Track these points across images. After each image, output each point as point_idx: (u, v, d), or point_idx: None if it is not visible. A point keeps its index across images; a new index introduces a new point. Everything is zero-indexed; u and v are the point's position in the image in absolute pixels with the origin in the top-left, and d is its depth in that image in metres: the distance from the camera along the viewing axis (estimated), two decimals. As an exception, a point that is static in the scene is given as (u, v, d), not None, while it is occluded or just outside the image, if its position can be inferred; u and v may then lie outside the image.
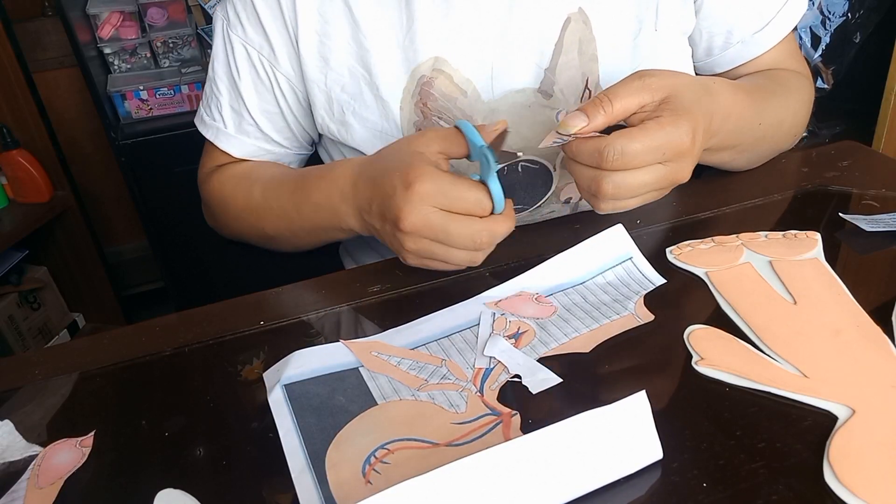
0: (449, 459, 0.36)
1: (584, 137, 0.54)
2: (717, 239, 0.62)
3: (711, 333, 0.51)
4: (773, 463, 0.41)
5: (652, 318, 0.53)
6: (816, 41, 1.68)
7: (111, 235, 2.09)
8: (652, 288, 0.57)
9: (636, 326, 0.53)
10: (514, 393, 0.48)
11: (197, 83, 1.67)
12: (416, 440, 0.45)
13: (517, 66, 0.69)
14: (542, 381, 0.49)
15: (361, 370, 0.52)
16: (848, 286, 0.54)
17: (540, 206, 0.72)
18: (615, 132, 0.54)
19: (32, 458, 0.48)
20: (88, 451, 0.48)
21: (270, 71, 0.74)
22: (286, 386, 0.50)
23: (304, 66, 0.72)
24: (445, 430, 0.46)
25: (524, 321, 0.55)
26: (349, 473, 0.43)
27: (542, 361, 0.50)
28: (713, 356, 0.49)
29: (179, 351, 0.57)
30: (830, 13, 1.66)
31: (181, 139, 1.62)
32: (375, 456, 0.44)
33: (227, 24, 0.74)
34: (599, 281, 0.59)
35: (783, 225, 0.63)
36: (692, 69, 0.78)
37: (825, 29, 1.67)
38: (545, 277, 0.59)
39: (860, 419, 0.43)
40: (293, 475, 0.43)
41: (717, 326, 0.52)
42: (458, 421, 0.46)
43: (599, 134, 0.54)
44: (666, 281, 0.57)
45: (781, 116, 0.71)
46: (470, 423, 0.46)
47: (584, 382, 0.49)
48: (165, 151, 1.63)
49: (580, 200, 0.73)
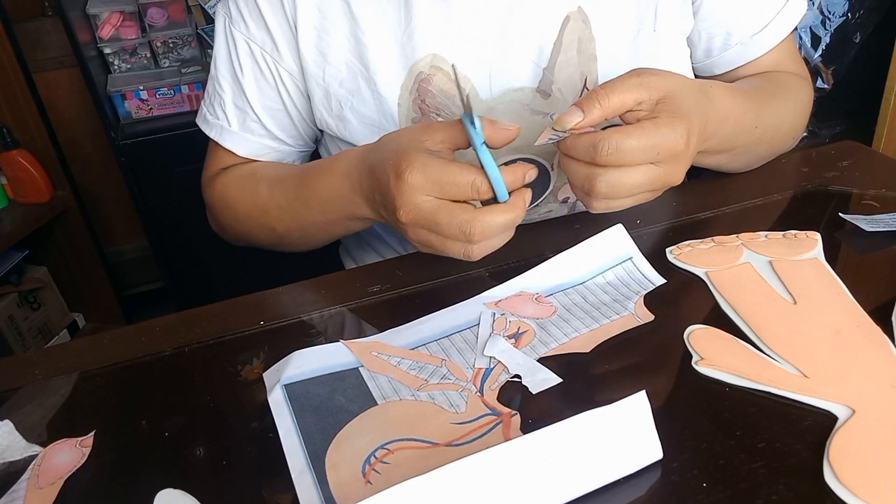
0: (449, 459, 0.36)
1: (579, 133, 0.54)
2: (717, 239, 0.62)
3: (711, 333, 0.51)
4: (773, 463, 0.41)
5: (652, 318, 0.53)
6: (816, 41, 1.68)
7: (111, 235, 2.09)
8: (652, 288, 0.57)
9: (636, 326, 0.53)
10: (514, 393, 0.48)
11: (197, 83, 1.67)
12: (416, 440, 0.45)
13: (516, 64, 0.69)
14: (542, 381, 0.49)
15: (361, 370, 0.52)
16: (848, 286, 0.54)
17: (537, 205, 0.72)
18: (611, 128, 0.54)
19: (32, 458, 0.48)
20: (88, 451, 0.48)
21: (274, 67, 0.73)
22: (286, 386, 0.50)
23: (303, 61, 0.72)
24: (445, 430, 0.46)
25: (524, 321, 0.55)
26: (349, 473, 0.43)
27: (542, 361, 0.50)
28: (713, 356, 0.49)
29: (179, 351, 0.57)
30: (830, 13, 1.66)
31: (181, 139, 1.62)
32: (375, 456, 0.44)
33: (228, 20, 0.74)
34: (599, 281, 0.59)
35: (783, 225, 0.63)
36: (691, 70, 0.78)
37: (825, 29, 1.67)
38: (545, 277, 0.59)
39: (860, 419, 0.43)
40: (293, 475, 0.43)
41: (717, 326, 0.52)
42: (458, 421, 0.46)
43: (595, 129, 0.54)
44: (666, 281, 0.57)
45: (780, 119, 0.70)
46: (470, 423, 0.46)
47: (584, 382, 0.49)
48: (165, 151, 1.63)
49: (578, 200, 0.73)
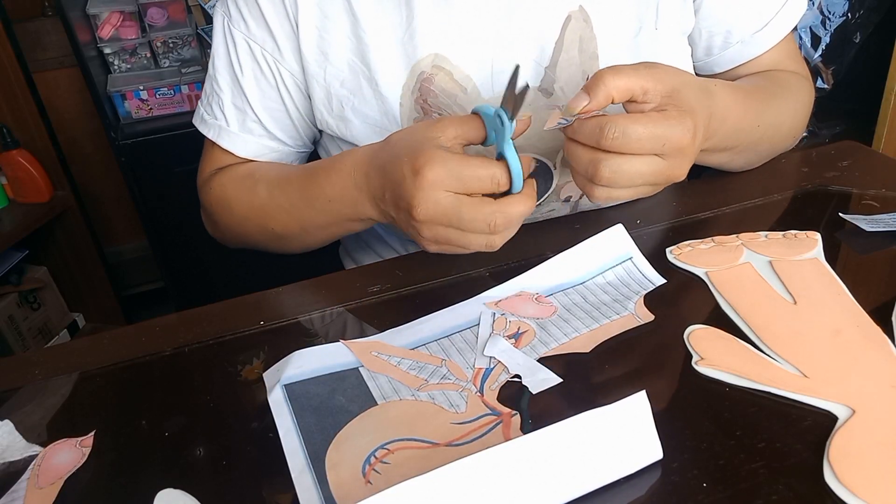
0: (449, 459, 0.36)
1: (586, 117, 0.54)
2: (717, 239, 0.61)
3: (711, 333, 0.51)
4: (773, 463, 0.41)
5: (652, 318, 0.53)
6: (816, 41, 1.68)
7: (111, 235, 2.09)
8: (652, 288, 0.57)
9: (636, 326, 0.53)
10: (514, 393, 0.48)
11: (197, 83, 1.67)
12: (416, 440, 0.45)
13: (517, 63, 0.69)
14: (542, 381, 0.49)
15: (361, 370, 0.52)
16: (848, 286, 0.54)
17: (540, 203, 0.72)
18: (618, 114, 0.53)
19: (32, 458, 0.48)
20: (88, 451, 0.48)
21: (274, 67, 0.73)
22: (286, 386, 0.50)
23: (304, 60, 0.71)
24: (445, 430, 0.46)
25: (524, 321, 0.55)
26: (349, 473, 0.43)
27: (542, 361, 0.50)
28: (713, 356, 0.49)
29: (179, 351, 0.57)
30: (830, 13, 1.66)
31: (181, 139, 1.62)
32: (375, 456, 0.44)
33: (228, 19, 0.73)
34: (599, 281, 0.59)
35: (783, 225, 0.63)
36: (692, 69, 0.78)
37: (825, 29, 1.67)
38: (545, 277, 0.59)
39: (860, 419, 0.43)
40: (293, 475, 0.43)
41: (717, 326, 0.52)
42: (458, 421, 0.46)
43: (603, 113, 0.54)
44: (666, 281, 0.57)
45: (780, 118, 0.70)
46: (470, 423, 0.46)
47: (584, 382, 0.49)
48: (165, 151, 1.63)
49: (580, 199, 0.73)
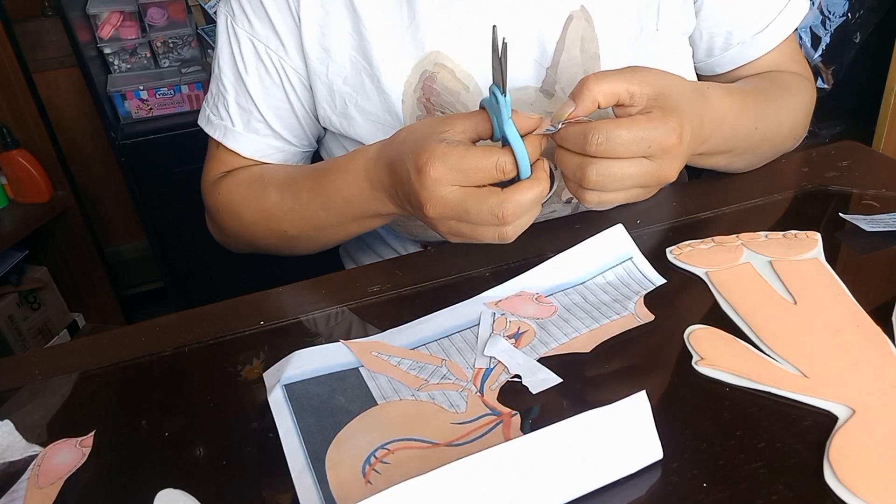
0: (449, 459, 0.36)
1: (571, 123, 0.54)
2: (717, 239, 0.61)
3: (711, 333, 0.51)
4: (773, 463, 0.41)
5: (652, 318, 0.53)
6: (816, 41, 1.68)
7: (111, 235, 2.09)
8: (652, 288, 0.57)
9: (636, 326, 0.53)
10: (514, 393, 0.48)
11: (197, 83, 1.67)
12: (416, 440, 0.45)
13: (519, 63, 0.69)
14: (542, 381, 0.49)
15: (361, 370, 0.52)
16: (848, 286, 0.54)
17: (542, 205, 0.72)
18: (603, 119, 0.54)
19: (32, 458, 0.48)
20: (88, 451, 0.48)
21: (279, 65, 0.72)
22: (286, 386, 0.50)
23: (306, 57, 0.71)
24: (445, 430, 0.46)
25: (524, 321, 0.55)
26: (349, 473, 0.43)
27: (542, 361, 0.50)
28: (713, 356, 0.49)
29: (179, 351, 0.57)
30: (830, 13, 1.66)
31: (181, 139, 1.62)
32: (375, 456, 0.44)
33: (231, 18, 0.73)
34: (599, 281, 0.59)
35: (783, 225, 0.63)
36: (693, 69, 0.78)
37: (825, 29, 1.67)
38: (545, 277, 0.59)
39: (860, 419, 0.43)
40: (293, 475, 0.43)
41: (717, 326, 0.52)
42: (458, 421, 0.46)
43: (589, 119, 0.54)
44: (666, 281, 0.57)
45: (780, 120, 0.70)
46: (470, 423, 0.46)
47: (584, 382, 0.49)
48: (165, 151, 1.63)
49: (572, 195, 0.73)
